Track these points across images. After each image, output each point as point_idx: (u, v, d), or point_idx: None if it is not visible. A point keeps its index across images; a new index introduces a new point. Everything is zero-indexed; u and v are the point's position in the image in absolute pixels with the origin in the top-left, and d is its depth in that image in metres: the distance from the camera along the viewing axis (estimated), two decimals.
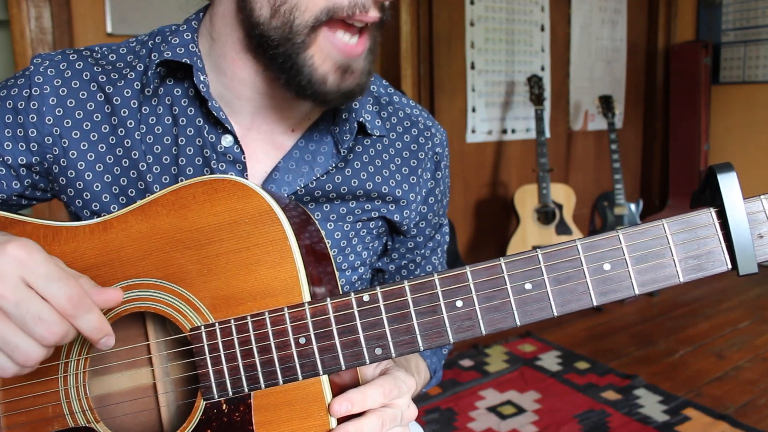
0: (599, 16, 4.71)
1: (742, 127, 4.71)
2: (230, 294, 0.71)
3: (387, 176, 0.95)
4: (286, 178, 0.89)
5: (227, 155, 0.87)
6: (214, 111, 0.85)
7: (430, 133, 1.00)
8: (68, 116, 0.87)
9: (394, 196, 0.96)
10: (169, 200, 0.74)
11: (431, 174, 1.00)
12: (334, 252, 0.93)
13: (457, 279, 0.65)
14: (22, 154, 0.87)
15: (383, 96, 0.99)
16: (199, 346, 0.72)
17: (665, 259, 0.62)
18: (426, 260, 1.06)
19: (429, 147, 0.99)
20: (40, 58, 0.89)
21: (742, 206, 0.60)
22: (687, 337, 3.31)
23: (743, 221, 0.60)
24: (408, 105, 1.01)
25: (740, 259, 0.60)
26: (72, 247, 0.77)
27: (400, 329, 0.67)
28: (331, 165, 0.91)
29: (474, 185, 4.24)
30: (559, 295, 0.64)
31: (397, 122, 0.98)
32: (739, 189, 0.60)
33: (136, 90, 0.88)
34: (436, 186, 1.01)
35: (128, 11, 2.90)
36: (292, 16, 0.76)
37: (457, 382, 2.88)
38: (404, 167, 0.97)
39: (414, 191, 0.97)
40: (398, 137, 0.97)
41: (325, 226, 0.91)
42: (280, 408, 0.70)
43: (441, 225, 1.07)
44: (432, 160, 1.00)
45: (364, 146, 0.95)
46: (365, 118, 0.92)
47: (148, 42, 0.91)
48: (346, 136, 0.90)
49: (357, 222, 0.94)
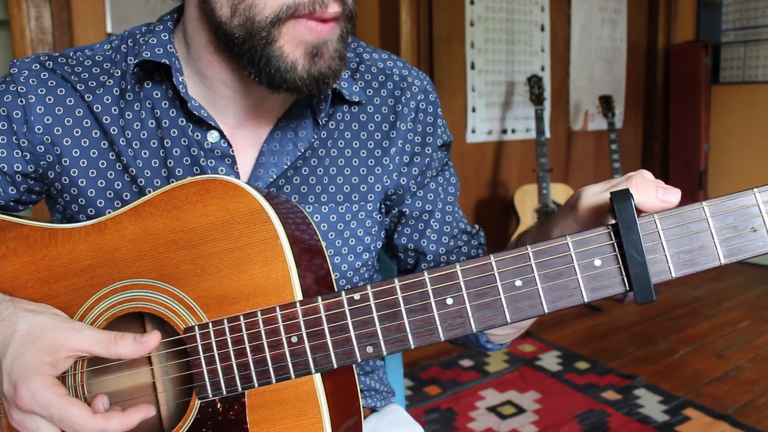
0: (599, 16, 4.71)
1: (742, 127, 4.70)
2: (223, 294, 0.72)
3: (365, 138, 0.94)
4: (272, 160, 0.89)
5: (215, 151, 0.87)
6: (194, 111, 0.85)
7: (406, 83, 0.98)
8: (58, 124, 0.87)
9: (375, 158, 0.94)
10: (162, 201, 0.74)
11: (411, 124, 0.97)
12: (332, 236, 0.92)
13: (448, 277, 0.65)
14: (17, 161, 0.87)
15: (353, 60, 0.98)
16: (193, 346, 0.72)
17: (657, 254, 0.61)
18: (437, 211, 1.01)
19: (407, 97, 0.97)
20: (16, 67, 0.88)
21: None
22: (687, 337, 3.31)
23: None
24: (380, 59, 0.99)
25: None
26: (68, 248, 0.77)
27: (391, 327, 0.67)
28: (313, 137, 0.91)
29: (474, 185, 4.24)
30: (550, 291, 0.63)
31: (371, 79, 0.97)
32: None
33: (116, 96, 0.88)
34: (417, 135, 0.97)
35: (128, 11, 2.90)
36: (251, 13, 0.76)
37: (457, 382, 2.88)
38: (384, 124, 0.95)
39: (395, 144, 0.95)
40: (374, 94, 0.96)
41: (319, 210, 0.91)
42: (274, 406, 0.71)
43: (440, 172, 1.02)
44: (413, 109, 0.97)
45: (343, 112, 0.94)
46: (341, 85, 0.91)
47: (120, 46, 0.91)
48: (322, 105, 0.90)
49: (351, 203, 0.93)
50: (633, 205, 0.60)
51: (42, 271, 0.78)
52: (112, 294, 0.76)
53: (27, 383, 0.69)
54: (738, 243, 0.60)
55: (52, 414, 0.69)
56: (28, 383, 0.69)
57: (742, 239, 0.60)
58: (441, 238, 1.00)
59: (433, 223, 1.00)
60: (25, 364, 0.70)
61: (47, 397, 0.69)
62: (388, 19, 3.79)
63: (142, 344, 0.72)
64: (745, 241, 0.60)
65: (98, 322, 0.76)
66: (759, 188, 0.60)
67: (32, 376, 0.69)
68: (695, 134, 4.68)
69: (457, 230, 1.01)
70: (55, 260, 0.78)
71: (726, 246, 0.60)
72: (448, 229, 1.01)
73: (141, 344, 0.72)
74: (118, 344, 0.71)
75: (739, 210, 0.60)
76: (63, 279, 0.78)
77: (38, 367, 0.70)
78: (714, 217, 0.61)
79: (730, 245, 0.60)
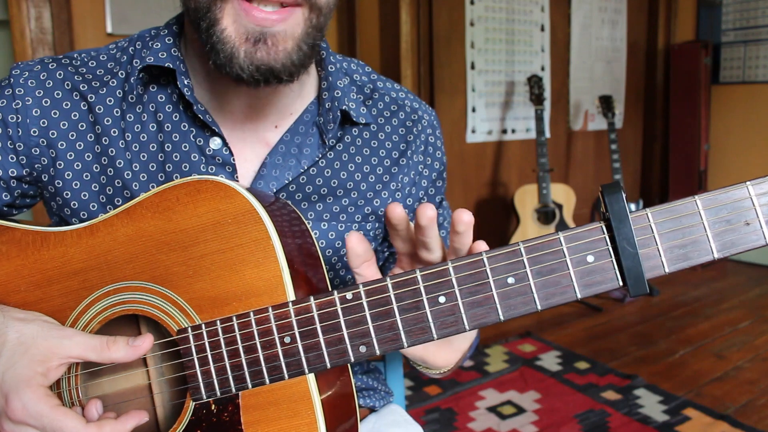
0: (599, 16, 4.71)
1: (742, 127, 4.70)
2: (216, 295, 0.71)
3: (376, 164, 0.94)
4: (273, 173, 0.89)
5: (216, 158, 0.86)
6: (200, 114, 0.84)
7: (417, 115, 0.99)
8: (53, 127, 0.86)
9: (383, 183, 0.95)
10: (153, 203, 0.74)
11: (422, 156, 0.98)
12: (330, 253, 0.92)
13: (440, 274, 0.65)
14: (12, 166, 0.87)
15: (367, 84, 0.98)
16: (187, 348, 0.72)
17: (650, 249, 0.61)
18: None
19: (419, 129, 0.98)
20: (18, 69, 0.88)
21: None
22: (687, 337, 3.30)
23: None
24: (393, 89, 1.00)
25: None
26: (60, 251, 0.77)
27: (384, 326, 0.66)
28: (318, 155, 0.90)
29: (474, 185, 4.24)
30: (543, 288, 0.63)
31: (383, 107, 0.97)
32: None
33: (119, 98, 0.88)
34: (426, 167, 0.99)
35: (128, 11, 2.91)
36: None
37: (457, 382, 2.88)
38: (394, 151, 0.96)
39: (404, 172, 0.96)
40: (386, 122, 0.96)
41: (318, 226, 0.91)
42: (268, 407, 0.70)
43: (438, 206, 1.04)
44: (423, 142, 0.98)
45: (352, 136, 0.94)
46: (349, 106, 0.91)
47: (128, 48, 0.91)
48: (330, 125, 0.90)
49: (351, 223, 0.93)
50: (624, 197, 0.60)
51: (34, 275, 0.78)
52: (105, 297, 0.75)
53: (19, 395, 0.68)
54: (731, 237, 0.60)
55: (45, 425, 0.68)
56: (20, 395, 0.68)
57: (736, 233, 0.60)
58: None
59: None
60: (17, 374, 0.69)
61: (39, 409, 0.68)
62: (388, 19, 3.79)
63: (135, 348, 0.71)
64: (739, 234, 0.60)
65: (92, 325, 0.76)
66: (752, 181, 0.60)
67: (24, 387, 0.69)
68: (695, 134, 4.68)
69: None
70: (47, 263, 0.78)
71: (719, 240, 0.60)
72: None
73: (134, 348, 0.71)
74: (111, 349, 0.71)
75: (731, 203, 0.60)
76: (56, 282, 0.77)
77: (30, 377, 0.69)
78: (707, 210, 0.60)
79: (723, 239, 0.60)
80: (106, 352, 0.71)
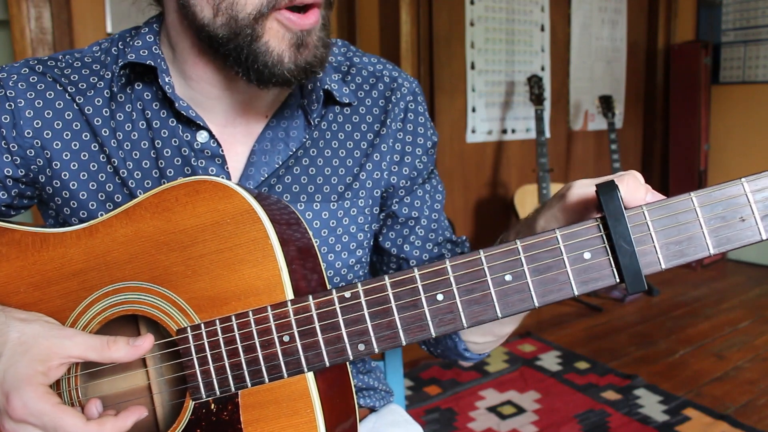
0: (599, 16, 4.71)
1: (742, 127, 4.70)
2: (215, 294, 0.72)
3: (359, 138, 0.95)
4: (263, 159, 0.90)
5: (205, 151, 0.87)
6: (182, 111, 0.85)
7: (396, 83, 0.99)
8: (47, 127, 0.87)
9: (366, 156, 0.95)
10: (152, 203, 0.74)
11: (401, 123, 0.98)
12: (325, 233, 0.92)
13: (438, 273, 0.65)
14: (8, 166, 0.87)
15: (343, 63, 0.99)
16: (186, 347, 0.72)
17: (646, 245, 0.61)
18: (423, 218, 1.01)
19: (397, 97, 0.98)
20: (5, 72, 0.88)
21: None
22: (687, 337, 3.30)
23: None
24: (370, 62, 1.00)
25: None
26: (60, 252, 0.77)
27: (382, 324, 0.67)
28: (305, 137, 0.92)
29: (474, 185, 4.24)
30: (540, 285, 0.63)
31: (361, 81, 0.98)
32: None
33: (106, 98, 0.88)
34: (408, 135, 0.99)
35: (128, 11, 2.90)
36: (233, 11, 0.76)
37: (457, 382, 2.88)
38: (375, 123, 0.96)
39: (385, 141, 0.96)
40: (366, 95, 0.97)
41: (311, 207, 0.91)
42: (268, 406, 0.71)
43: (427, 180, 1.02)
44: (402, 109, 0.98)
45: (335, 113, 0.95)
46: (331, 86, 0.92)
47: (111, 49, 0.92)
48: (314, 105, 0.91)
49: (343, 200, 0.93)
50: (619, 196, 0.60)
51: (34, 276, 0.78)
52: (105, 297, 0.76)
53: (19, 393, 0.69)
54: (727, 233, 0.60)
55: (46, 423, 0.68)
56: (21, 393, 0.69)
57: (731, 229, 0.60)
58: (425, 245, 1.01)
59: (418, 230, 1.01)
60: (18, 374, 0.70)
61: (40, 407, 0.68)
62: (388, 19, 3.79)
63: (135, 348, 0.72)
64: (734, 230, 0.60)
65: (91, 325, 0.76)
66: (747, 178, 0.60)
67: (25, 386, 0.69)
68: (695, 134, 4.68)
69: (441, 238, 1.02)
70: (47, 265, 0.78)
71: (715, 236, 0.60)
72: (433, 236, 1.02)
73: (134, 348, 0.72)
74: (111, 349, 0.71)
75: (727, 200, 0.60)
76: (55, 283, 0.77)
77: (31, 376, 0.69)
78: (702, 207, 0.61)
79: (719, 235, 0.60)
80: (106, 352, 0.71)
